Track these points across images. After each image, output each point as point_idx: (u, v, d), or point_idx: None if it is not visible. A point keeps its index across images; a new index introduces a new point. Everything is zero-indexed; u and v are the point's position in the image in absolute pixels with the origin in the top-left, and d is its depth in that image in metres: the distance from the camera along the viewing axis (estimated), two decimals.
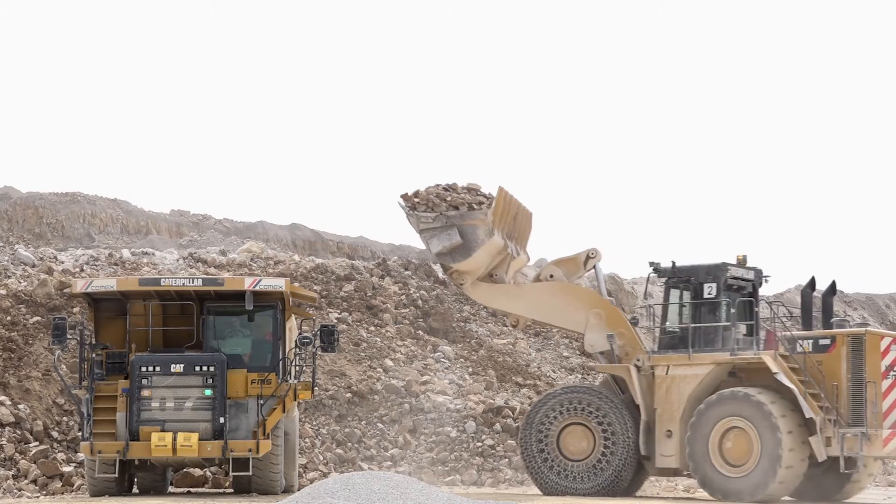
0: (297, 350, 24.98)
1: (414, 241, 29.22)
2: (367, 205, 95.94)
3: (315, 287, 38.60)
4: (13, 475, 27.44)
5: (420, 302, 40.81)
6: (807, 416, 25.88)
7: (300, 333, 25.49)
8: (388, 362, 36.30)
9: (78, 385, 24.40)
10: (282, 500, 20.74)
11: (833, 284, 28.46)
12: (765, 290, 28.72)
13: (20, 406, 29.04)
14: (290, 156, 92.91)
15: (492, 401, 35.39)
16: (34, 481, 27.29)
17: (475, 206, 28.02)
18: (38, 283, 33.53)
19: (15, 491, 26.78)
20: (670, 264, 27.82)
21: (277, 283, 24.75)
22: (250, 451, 23.74)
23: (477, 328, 41.13)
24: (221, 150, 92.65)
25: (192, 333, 24.78)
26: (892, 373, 26.46)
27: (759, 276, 28.15)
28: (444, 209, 28.03)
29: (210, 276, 29.62)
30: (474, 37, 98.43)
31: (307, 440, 32.10)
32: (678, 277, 27.80)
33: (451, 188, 28.46)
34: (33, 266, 36.76)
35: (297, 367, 25.67)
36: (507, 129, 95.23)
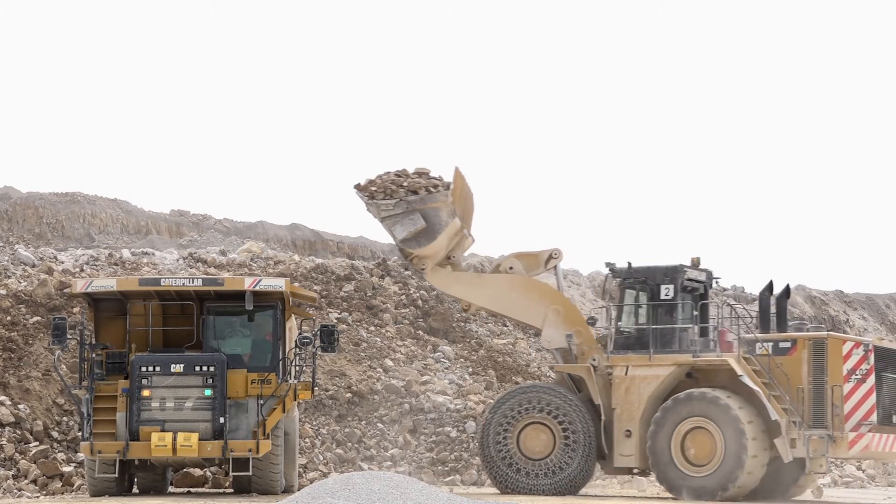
0: (297, 350, 24.96)
1: None
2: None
3: (315, 287, 38.58)
4: (13, 475, 27.43)
5: (420, 302, 40.80)
6: (772, 418, 26.11)
7: (300, 333, 25.47)
8: (388, 362, 36.29)
9: (78, 385, 24.38)
10: (282, 500, 20.73)
11: (787, 288, 28.69)
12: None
13: (20, 406, 29.04)
14: (290, 156, 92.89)
15: (492, 401, 35.38)
16: (34, 481, 27.28)
17: (431, 190, 28.01)
18: (38, 283, 33.51)
19: (15, 491, 26.77)
20: (626, 265, 27.93)
21: (277, 283, 24.74)
22: (250, 451, 23.73)
23: (477, 328, 41.11)
24: (221, 150, 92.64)
25: (192, 333, 24.77)
26: (853, 376, 26.56)
27: (710, 278, 28.45)
28: (404, 194, 27.98)
29: (210, 276, 29.62)
30: (473, 37, 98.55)
31: (307, 440, 32.09)
32: (634, 278, 27.90)
33: (402, 174, 28.39)
34: (33, 266, 36.73)
35: (297, 367, 25.66)
36: (503, 127, 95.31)
